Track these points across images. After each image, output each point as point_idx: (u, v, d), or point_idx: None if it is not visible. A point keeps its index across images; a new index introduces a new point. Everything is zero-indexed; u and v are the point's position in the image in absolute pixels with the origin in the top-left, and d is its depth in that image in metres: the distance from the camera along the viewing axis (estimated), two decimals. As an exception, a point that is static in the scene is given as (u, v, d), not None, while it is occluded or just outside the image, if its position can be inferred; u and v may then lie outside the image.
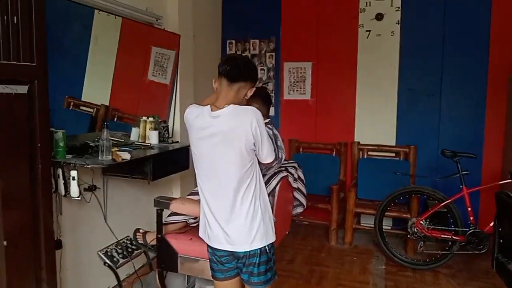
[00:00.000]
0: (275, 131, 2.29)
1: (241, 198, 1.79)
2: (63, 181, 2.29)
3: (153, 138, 3.12)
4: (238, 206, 1.80)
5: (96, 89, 2.99)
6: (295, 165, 2.38)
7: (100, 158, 2.41)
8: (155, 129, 3.15)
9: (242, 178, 1.78)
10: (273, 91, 4.77)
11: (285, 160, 2.33)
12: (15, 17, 1.80)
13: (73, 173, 2.29)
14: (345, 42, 4.46)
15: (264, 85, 4.73)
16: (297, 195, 2.46)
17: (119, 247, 2.60)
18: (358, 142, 4.41)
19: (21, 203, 1.88)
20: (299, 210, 2.51)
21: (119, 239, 2.69)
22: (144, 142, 3.13)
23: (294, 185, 2.37)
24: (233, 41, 4.91)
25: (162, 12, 3.57)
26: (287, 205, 2.41)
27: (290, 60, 4.70)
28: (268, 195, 2.10)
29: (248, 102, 2.21)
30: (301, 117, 4.69)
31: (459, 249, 3.42)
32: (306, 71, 4.63)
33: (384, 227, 3.82)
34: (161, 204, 2.22)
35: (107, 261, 2.45)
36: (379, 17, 4.31)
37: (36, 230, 1.95)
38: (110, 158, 2.42)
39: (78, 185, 2.31)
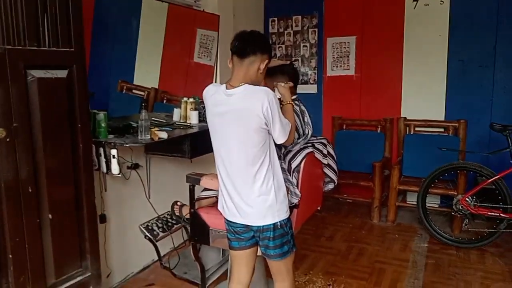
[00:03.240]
0: (303, 107, 2.28)
1: (254, 176, 1.81)
2: (104, 160, 2.45)
3: (193, 118, 3.20)
4: (251, 184, 1.82)
5: (146, 73, 3.15)
6: (324, 141, 2.35)
7: (139, 137, 2.53)
8: (195, 109, 3.24)
9: (254, 157, 1.79)
10: (316, 68, 4.71)
11: (313, 136, 2.32)
12: (53, 8, 1.93)
13: (113, 151, 2.41)
14: (391, 13, 4.29)
15: (293, 61, 4.68)
16: (327, 171, 2.44)
17: (160, 222, 2.73)
18: (405, 118, 4.26)
19: (65, 179, 2.04)
20: (330, 186, 2.50)
21: (159, 214, 2.84)
22: (185, 122, 3.23)
23: (324, 161, 2.35)
24: (276, 19, 4.88)
25: (202, -7, 3.62)
26: (316, 181, 2.41)
27: (333, 35, 4.60)
28: (293, 171, 2.13)
29: (276, 79, 2.23)
30: (345, 93, 4.59)
31: (507, 227, 3.26)
32: (350, 46, 4.52)
33: (431, 205, 3.70)
34: (192, 180, 2.32)
35: (147, 234, 2.59)
36: (428, -15, 4.10)
37: (79, 204, 2.11)
38: (149, 137, 2.54)
39: (119, 163, 2.44)
